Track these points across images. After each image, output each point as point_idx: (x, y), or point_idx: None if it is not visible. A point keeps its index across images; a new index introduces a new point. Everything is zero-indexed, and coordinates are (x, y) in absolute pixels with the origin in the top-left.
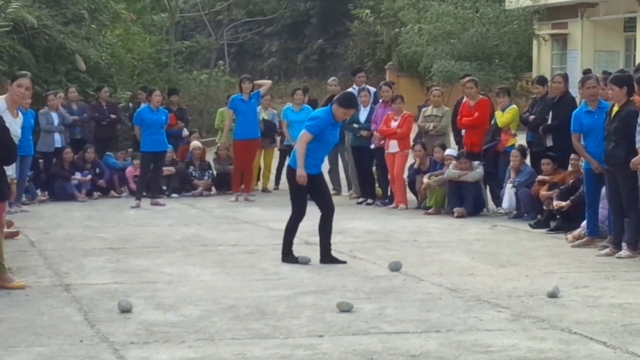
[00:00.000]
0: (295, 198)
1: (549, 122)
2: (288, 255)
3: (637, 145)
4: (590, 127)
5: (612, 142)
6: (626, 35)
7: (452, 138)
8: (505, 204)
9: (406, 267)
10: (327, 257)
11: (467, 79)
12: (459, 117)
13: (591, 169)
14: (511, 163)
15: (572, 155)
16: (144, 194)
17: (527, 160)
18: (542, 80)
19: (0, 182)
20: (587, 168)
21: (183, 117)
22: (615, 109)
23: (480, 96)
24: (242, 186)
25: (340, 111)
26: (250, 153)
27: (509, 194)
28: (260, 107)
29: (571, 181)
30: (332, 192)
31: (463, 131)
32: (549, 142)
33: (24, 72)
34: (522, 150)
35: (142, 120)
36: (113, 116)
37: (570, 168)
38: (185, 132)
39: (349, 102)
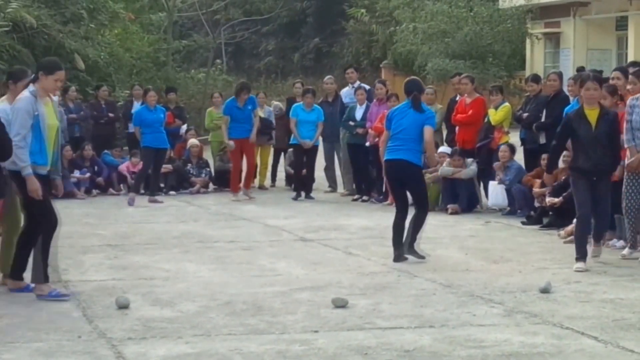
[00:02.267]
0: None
1: (543, 119)
2: (398, 248)
3: (627, 145)
4: None
5: (601, 148)
6: (618, 33)
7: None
8: (491, 200)
9: (400, 264)
10: (410, 249)
11: (463, 75)
12: (454, 114)
13: None
14: (500, 159)
15: (565, 152)
16: (142, 191)
17: (521, 159)
18: (536, 78)
19: None
20: None
21: (181, 115)
22: (592, 112)
23: (477, 94)
24: (241, 185)
25: None
26: (247, 151)
27: (494, 191)
28: None
29: (563, 178)
30: (327, 189)
31: (457, 128)
32: (543, 140)
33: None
34: (511, 147)
35: (141, 120)
36: (111, 115)
37: (562, 165)
38: (183, 129)
39: None
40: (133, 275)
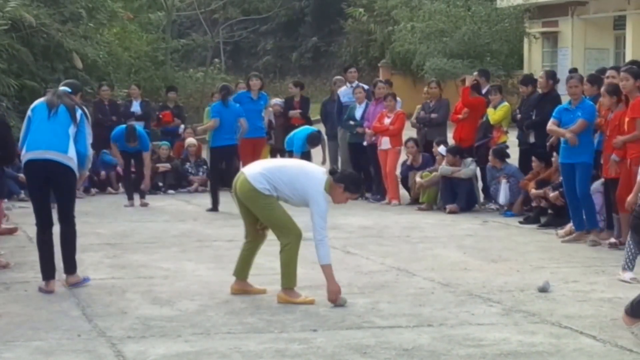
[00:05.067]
0: None
1: (533, 118)
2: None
3: None
4: (567, 125)
5: None
6: (616, 33)
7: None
8: (501, 199)
9: (399, 263)
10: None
11: (461, 77)
12: (452, 112)
13: (567, 164)
14: (492, 165)
15: (554, 153)
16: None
17: (516, 160)
18: (525, 80)
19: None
20: (563, 162)
21: (180, 115)
22: None
23: (476, 94)
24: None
25: None
26: (257, 152)
27: (505, 188)
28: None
29: (561, 177)
30: None
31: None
32: (532, 139)
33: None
34: (496, 153)
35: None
36: (114, 118)
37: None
38: (182, 128)
39: None
40: (132, 274)
